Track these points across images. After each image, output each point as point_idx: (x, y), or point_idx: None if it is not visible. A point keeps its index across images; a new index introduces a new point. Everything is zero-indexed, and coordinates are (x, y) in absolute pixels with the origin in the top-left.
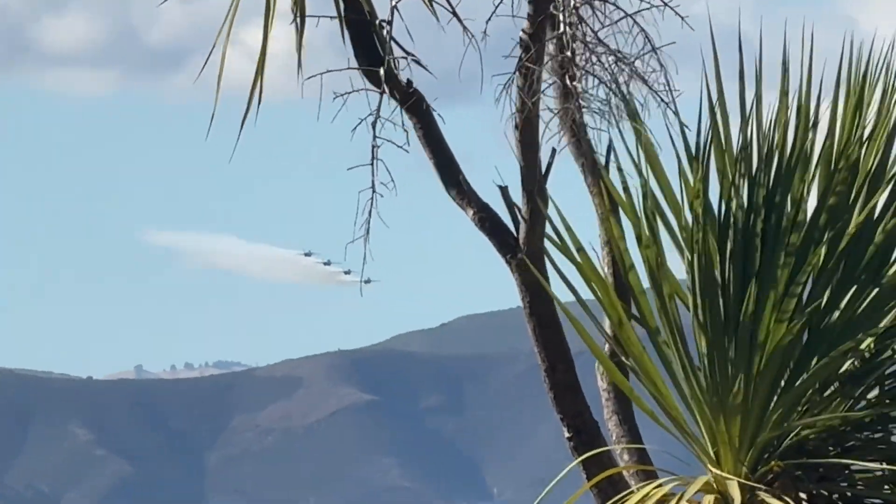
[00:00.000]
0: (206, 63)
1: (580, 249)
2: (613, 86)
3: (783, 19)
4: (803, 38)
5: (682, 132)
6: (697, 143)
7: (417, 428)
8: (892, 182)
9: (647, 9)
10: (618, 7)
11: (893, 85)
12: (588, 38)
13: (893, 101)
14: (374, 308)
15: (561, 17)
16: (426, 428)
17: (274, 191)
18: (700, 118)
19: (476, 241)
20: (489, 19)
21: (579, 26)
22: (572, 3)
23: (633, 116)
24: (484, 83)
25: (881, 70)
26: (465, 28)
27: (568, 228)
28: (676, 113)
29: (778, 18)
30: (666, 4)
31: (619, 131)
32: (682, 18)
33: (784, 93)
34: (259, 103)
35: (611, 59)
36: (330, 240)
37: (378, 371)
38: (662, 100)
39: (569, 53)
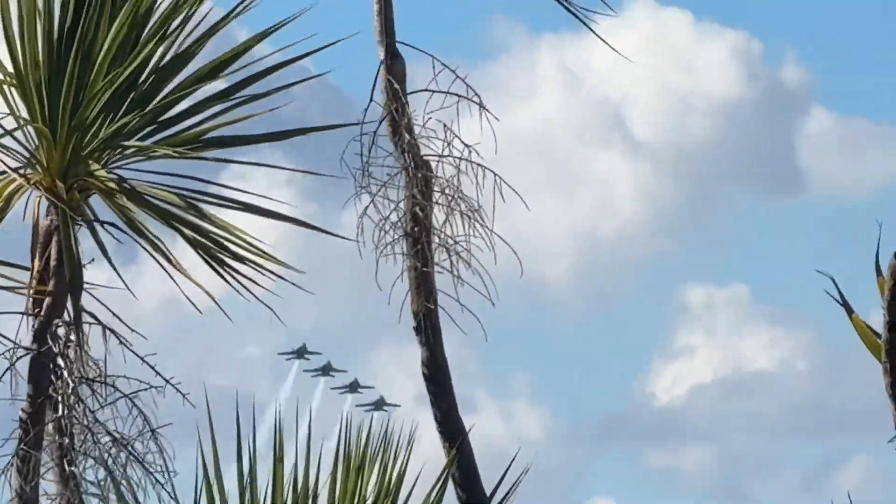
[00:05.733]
0: None
1: None
2: (110, 467)
3: None
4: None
5: None
6: None
7: None
8: None
9: (146, 389)
10: (116, 388)
11: (393, 459)
12: (87, 420)
13: (392, 474)
14: None
15: (60, 399)
16: None
17: None
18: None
19: None
20: None
21: (77, 406)
22: (70, 384)
23: (126, 498)
24: None
25: (381, 444)
26: None
27: None
28: (174, 497)
29: None
30: (168, 382)
31: None
32: (184, 396)
33: (279, 469)
34: None
35: (108, 440)
36: None
37: None
38: (158, 481)
39: (66, 439)
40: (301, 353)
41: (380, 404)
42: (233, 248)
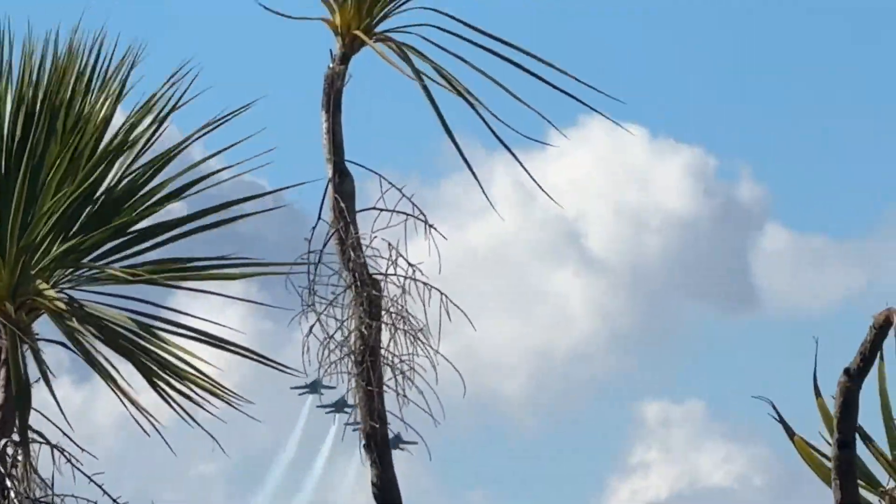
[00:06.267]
0: None
1: None
2: None
3: None
4: None
5: None
6: None
7: None
8: None
9: None
10: None
11: None
12: None
13: None
14: None
15: None
16: None
17: None
18: None
19: None
20: None
21: None
22: None
23: None
24: None
25: None
26: None
27: None
28: None
29: None
30: (115, 501)
31: None
32: None
33: None
34: None
35: None
36: None
37: None
38: None
39: None
40: (315, 387)
41: (395, 442)
42: (181, 374)
